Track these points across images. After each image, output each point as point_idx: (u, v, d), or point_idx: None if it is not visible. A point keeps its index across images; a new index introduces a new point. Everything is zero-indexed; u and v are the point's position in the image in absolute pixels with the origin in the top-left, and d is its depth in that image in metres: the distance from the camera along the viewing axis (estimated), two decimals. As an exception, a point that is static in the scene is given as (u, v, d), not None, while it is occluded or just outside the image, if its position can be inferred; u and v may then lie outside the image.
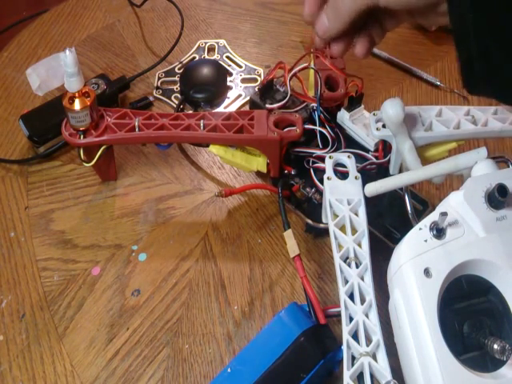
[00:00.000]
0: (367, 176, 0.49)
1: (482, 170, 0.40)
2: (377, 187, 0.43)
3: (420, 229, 0.39)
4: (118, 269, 0.52)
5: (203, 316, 0.49)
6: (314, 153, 0.52)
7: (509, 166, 0.43)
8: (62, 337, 0.48)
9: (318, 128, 0.52)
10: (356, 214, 0.45)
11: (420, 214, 0.50)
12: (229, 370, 0.41)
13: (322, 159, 0.50)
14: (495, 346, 0.36)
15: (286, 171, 0.53)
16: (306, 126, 0.52)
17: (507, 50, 0.36)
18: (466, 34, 0.36)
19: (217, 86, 0.64)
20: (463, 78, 0.37)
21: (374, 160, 0.50)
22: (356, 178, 0.48)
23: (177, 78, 0.67)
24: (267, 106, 0.53)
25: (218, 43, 0.71)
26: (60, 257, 0.53)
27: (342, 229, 0.45)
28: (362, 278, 0.42)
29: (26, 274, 0.52)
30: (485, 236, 0.38)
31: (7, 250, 0.53)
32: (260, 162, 0.53)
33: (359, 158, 0.50)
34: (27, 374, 0.46)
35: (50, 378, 0.46)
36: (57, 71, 0.63)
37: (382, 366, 0.37)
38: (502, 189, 0.38)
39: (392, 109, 0.43)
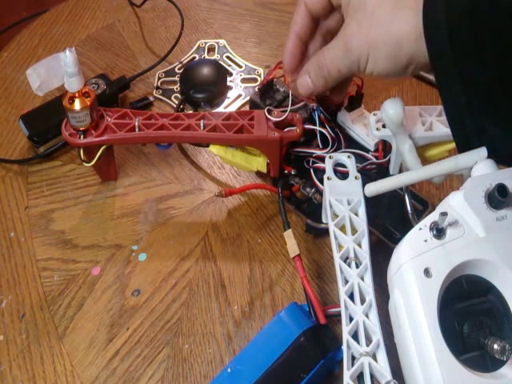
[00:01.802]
0: (367, 176, 0.49)
1: (482, 170, 0.40)
2: (377, 187, 0.43)
3: (420, 229, 0.39)
4: (118, 269, 0.52)
5: (203, 316, 0.49)
6: (314, 153, 0.52)
7: (509, 166, 0.43)
8: (62, 337, 0.48)
9: (318, 128, 0.52)
10: (356, 214, 0.45)
11: (420, 214, 0.50)
12: (229, 369, 0.41)
13: (322, 159, 0.50)
14: (495, 346, 0.36)
15: (286, 171, 0.53)
16: (306, 126, 0.52)
17: (503, 126, 0.36)
18: (459, 115, 0.37)
19: (217, 85, 0.65)
20: (460, 151, 0.39)
21: (374, 160, 0.50)
22: (356, 178, 0.48)
23: (177, 78, 0.67)
24: (268, 115, 0.52)
25: (217, 43, 0.71)
26: (60, 257, 0.53)
27: (342, 229, 0.45)
28: (362, 278, 0.42)
29: (26, 274, 0.52)
30: (485, 236, 0.38)
31: (7, 250, 0.53)
32: (260, 162, 0.53)
33: (359, 158, 0.50)
34: (27, 373, 0.46)
35: (50, 378, 0.46)
36: (57, 71, 0.62)
37: (382, 366, 0.37)
38: (502, 189, 0.38)
39: (392, 109, 0.43)
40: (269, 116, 0.50)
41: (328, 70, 0.43)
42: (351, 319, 0.40)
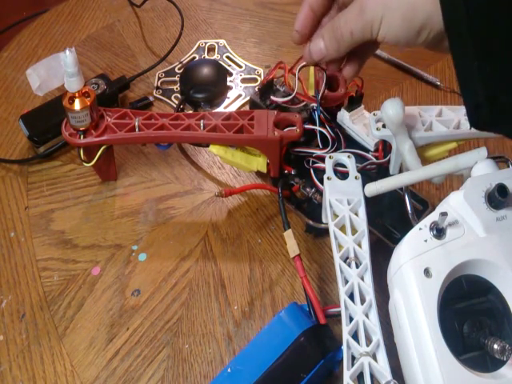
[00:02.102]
0: (367, 176, 0.49)
1: (482, 170, 0.40)
2: (377, 187, 0.43)
3: (420, 229, 0.39)
4: (118, 269, 0.52)
5: (203, 316, 0.49)
6: (314, 153, 0.52)
7: (509, 166, 0.43)
8: (62, 337, 0.48)
9: (318, 128, 0.52)
10: (356, 214, 0.45)
11: (420, 214, 0.50)
12: (229, 369, 0.41)
13: (322, 159, 0.50)
14: (495, 346, 0.36)
15: (286, 171, 0.53)
16: (306, 126, 0.52)
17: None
18: (471, 80, 0.36)
19: (217, 85, 0.64)
20: (471, 119, 0.37)
21: (374, 160, 0.50)
22: (356, 178, 0.47)
23: (177, 78, 0.67)
24: (272, 97, 0.52)
25: (218, 43, 0.71)
26: (60, 257, 0.53)
27: (342, 229, 0.45)
28: (362, 278, 0.42)
29: (26, 274, 0.52)
30: (485, 236, 0.38)
31: (7, 250, 0.53)
32: (260, 162, 0.53)
33: (359, 158, 0.50)
34: (27, 373, 0.46)
35: (50, 378, 0.46)
36: (57, 71, 0.63)
37: (382, 366, 0.37)
38: (502, 189, 0.38)
39: (392, 109, 0.43)
40: (274, 98, 0.51)
41: (341, 32, 0.42)
42: (351, 319, 0.40)
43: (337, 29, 0.43)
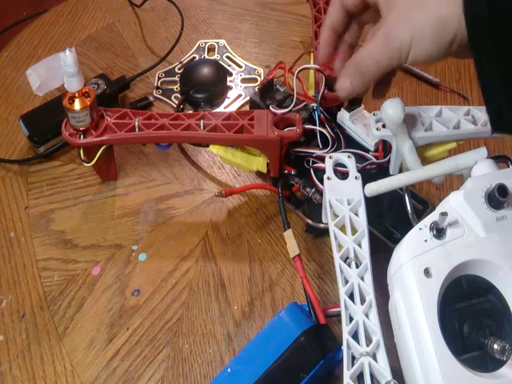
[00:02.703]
0: (367, 176, 0.49)
1: (482, 170, 0.40)
2: (377, 187, 0.43)
3: (420, 229, 0.39)
4: (118, 269, 0.52)
5: (203, 316, 0.49)
6: (313, 153, 0.52)
7: (509, 166, 0.43)
8: (62, 337, 0.48)
9: (317, 128, 0.52)
10: (356, 214, 0.45)
11: (420, 214, 0.50)
12: (229, 369, 0.41)
13: (322, 159, 0.50)
14: (495, 346, 0.36)
15: (286, 171, 0.53)
16: (306, 126, 0.52)
17: None
18: (494, 87, 0.36)
19: (217, 85, 0.64)
20: (493, 124, 0.37)
21: (374, 160, 0.50)
22: (356, 178, 0.47)
23: (177, 78, 0.67)
24: (272, 108, 0.52)
25: (218, 43, 0.71)
26: (60, 257, 0.53)
27: (342, 229, 0.45)
28: (362, 278, 0.42)
29: (26, 274, 0.52)
30: (485, 236, 0.38)
31: (7, 250, 0.53)
32: (260, 162, 0.53)
33: (359, 158, 0.50)
34: (27, 373, 0.46)
35: (50, 378, 0.46)
36: (57, 71, 0.63)
37: (382, 366, 0.37)
38: (502, 189, 0.38)
39: (392, 109, 0.43)
40: (273, 110, 0.51)
41: (366, 65, 0.41)
42: (351, 319, 0.40)
43: (360, 63, 0.42)
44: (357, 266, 0.42)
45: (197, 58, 0.70)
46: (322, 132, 0.52)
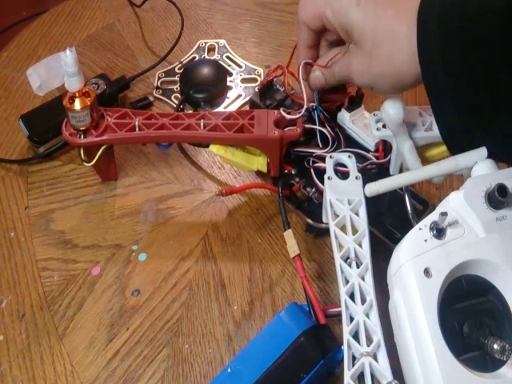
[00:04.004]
0: (368, 176, 0.49)
1: (482, 170, 0.40)
2: (377, 187, 0.43)
3: (420, 229, 0.39)
4: (118, 269, 0.52)
5: (203, 316, 0.49)
6: (314, 152, 0.52)
7: (509, 166, 0.43)
8: (62, 337, 0.48)
9: (317, 127, 0.52)
10: (357, 214, 0.45)
11: (420, 214, 0.50)
12: (229, 369, 0.41)
13: (323, 159, 0.50)
14: (495, 346, 0.36)
15: (286, 171, 0.53)
16: (306, 126, 0.52)
17: (497, 144, 0.40)
18: (453, 133, 0.41)
19: (217, 85, 0.64)
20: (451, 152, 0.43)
21: (375, 160, 0.50)
22: (356, 177, 0.47)
23: (177, 78, 0.67)
24: (282, 112, 0.52)
25: (218, 43, 0.71)
26: (60, 257, 0.53)
27: (343, 229, 0.45)
28: (363, 278, 0.42)
29: (26, 274, 0.52)
30: (485, 236, 0.38)
31: (7, 250, 0.53)
32: (260, 162, 0.53)
33: (360, 158, 0.50)
34: (27, 373, 0.46)
35: (50, 378, 0.46)
36: (57, 71, 0.63)
37: (383, 366, 0.37)
38: (502, 189, 0.38)
39: (392, 108, 0.43)
40: (284, 114, 0.51)
41: (335, 78, 0.48)
42: (352, 319, 0.40)
43: (332, 73, 0.48)
44: (357, 266, 0.42)
45: (197, 57, 0.70)
46: (322, 131, 0.52)
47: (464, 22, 0.37)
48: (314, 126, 0.52)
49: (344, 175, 0.48)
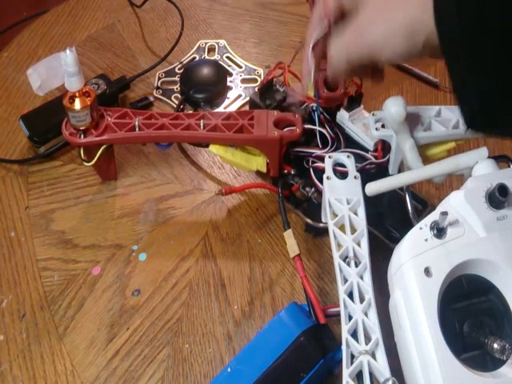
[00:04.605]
0: (367, 176, 0.49)
1: (483, 170, 0.40)
2: (378, 186, 0.43)
3: (420, 228, 0.39)
4: (119, 269, 0.52)
5: (203, 316, 0.49)
6: (313, 152, 0.52)
7: (509, 166, 0.43)
8: (63, 336, 0.48)
9: (317, 128, 0.52)
10: (355, 214, 0.45)
11: (419, 214, 0.50)
12: (229, 369, 0.41)
13: (322, 159, 0.50)
14: (495, 346, 0.36)
15: (285, 171, 0.53)
16: (306, 126, 0.52)
17: (507, 105, 0.36)
18: (467, 94, 0.36)
19: (217, 86, 0.65)
20: (468, 125, 0.38)
21: (374, 160, 0.50)
22: (355, 177, 0.48)
23: (177, 78, 0.67)
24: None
25: (218, 43, 0.71)
26: (60, 257, 0.53)
27: (342, 228, 0.45)
28: (362, 277, 0.42)
29: (26, 274, 0.52)
30: (485, 236, 0.38)
31: (7, 250, 0.53)
32: (260, 162, 0.53)
33: (358, 158, 0.50)
34: (27, 373, 0.46)
35: (51, 378, 0.46)
36: (57, 71, 0.63)
37: (381, 365, 0.37)
38: (502, 188, 0.38)
39: (394, 107, 0.43)
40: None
41: (336, 61, 0.42)
42: (350, 318, 0.40)
43: (331, 59, 0.42)
44: (356, 265, 0.42)
45: (197, 58, 0.70)
46: (322, 132, 0.52)
47: None
48: (313, 127, 0.52)
49: (343, 175, 0.48)
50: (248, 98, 0.64)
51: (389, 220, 0.51)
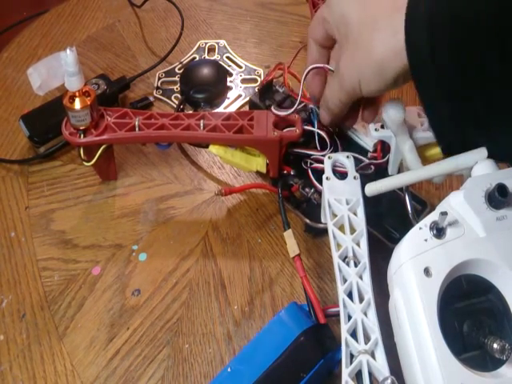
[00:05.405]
0: (366, 176, 0.49)
1: (482, 170, 0.40)
2: (378, 187, 0.43)
3: (420, 228, 0.39)
4: (119, 269, 0.52)
5: (203, 316, 0.49)
6: (312, 154, 0.52)
7: (509, 166, 0.43)
8: (63, 336, 0.48)
9: (316, 130, 0.51)
10: (355, 214, 0.45)
11: (419, 214, 0.50)
12: (229, 369, 0.41)
13: (321, 160, 0.50)
14: (495, 346, 0.36)
15: (285, 171, 0.53)
16: (305, 128, 0.52)
17: (486, 137, 0.39)
18: (443, 126, 0.39)
19: (217, 86, 0.65)
20: (444, 152, 0.42)
21: (373, 160, 0.50)
22: (355, 178, 0.48)
23: (177, 78, 0.67)
24: (274, 110, 0.52)
25: (218, 43, 0.71)
26: (60, 257, 0.53)
27: (341, 228, 0.45)
28: (361, 277, 0.42)
29: (26, 274, 0.52)
30: (485, 236, 0.38)
31: (7, 250, 0.53)
32: (259, 162, 0.53)
33: (358, 159, 0.50)
34: (27, 373, 0.46)
35: (51, 378, 0.46)
36: (57, 71, 0.63)
37: (381, 364, 0.38)
38: (502, 189, 0.38)
39: (393, 109, 0.43)
40: (275, 111, 0.51)
41: (332, 103, 0.46)
42: (350, 318, 0.40)
43: (327, 102, 0.47)
44: (355, 265, 0.42)
45: (197, 58, 0.70)
46: (321, 134, 0.52)
47: (455, 9, 0.35)
48: (312, 129, 0.52)
49: (342, 175, 0.48)
50: (248, 99, 0.64)
51: (388, 220, 0.51)
